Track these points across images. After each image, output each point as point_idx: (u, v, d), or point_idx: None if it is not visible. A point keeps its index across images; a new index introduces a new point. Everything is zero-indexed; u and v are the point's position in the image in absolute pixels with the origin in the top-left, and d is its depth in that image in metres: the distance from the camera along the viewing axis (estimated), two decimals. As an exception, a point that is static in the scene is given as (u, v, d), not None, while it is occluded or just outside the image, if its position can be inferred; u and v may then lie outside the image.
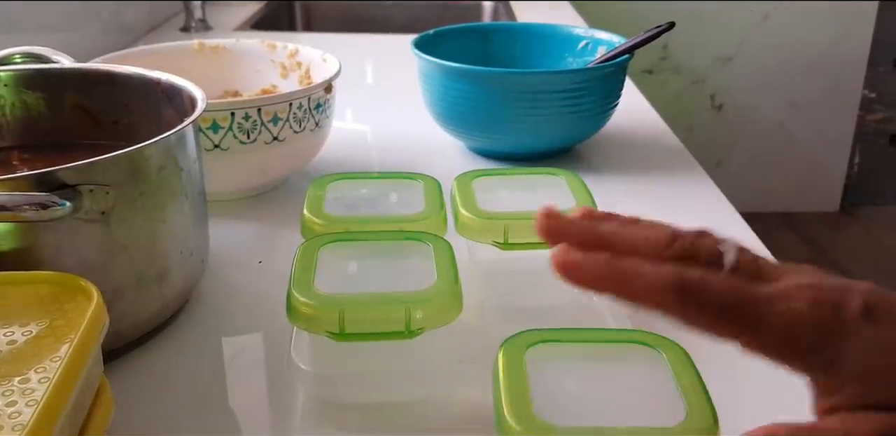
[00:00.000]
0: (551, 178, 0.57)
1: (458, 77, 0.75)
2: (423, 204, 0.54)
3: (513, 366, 0.38)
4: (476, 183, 0.56)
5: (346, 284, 0.45)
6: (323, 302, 0.42)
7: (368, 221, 0.51)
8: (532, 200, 0.54)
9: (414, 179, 0.57)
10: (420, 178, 0.57)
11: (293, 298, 0.43)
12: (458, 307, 0.44)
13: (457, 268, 0.46)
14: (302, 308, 0.42)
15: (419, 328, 0.42)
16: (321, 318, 0.42)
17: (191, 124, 0.50)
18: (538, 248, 0.48)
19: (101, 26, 1.17)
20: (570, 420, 0.35)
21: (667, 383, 0.38)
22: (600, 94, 0.77)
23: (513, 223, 0.50)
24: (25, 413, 0.30)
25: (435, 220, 0.52)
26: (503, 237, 0.50)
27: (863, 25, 2.15)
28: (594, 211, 0.31)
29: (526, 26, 0.93)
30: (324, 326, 0.42)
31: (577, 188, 0.55)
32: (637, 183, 0.77)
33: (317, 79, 0.76)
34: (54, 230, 0.43)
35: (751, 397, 0.46)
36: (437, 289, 0.43)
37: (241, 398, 0.48)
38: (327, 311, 0.42)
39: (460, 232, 0.52)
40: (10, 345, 0.35)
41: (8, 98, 0.58)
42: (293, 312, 0.43)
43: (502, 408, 0.35)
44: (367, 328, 0.42)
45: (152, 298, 0.50)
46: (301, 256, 0.46)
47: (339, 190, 0.56)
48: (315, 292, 0.43)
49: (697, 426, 0.35)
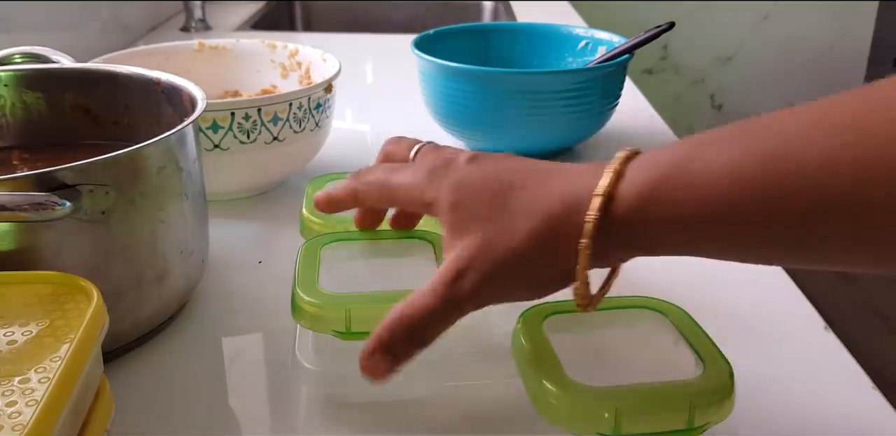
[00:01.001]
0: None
1: (458, 77, 0.75)
2: None
3: (535, 336, 0.40)
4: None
5: (350, 284, 0.45)
6: (329, 301, 0.42)
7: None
8: None
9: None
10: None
11: (298, 297, 0.43)
12: None
13: None
14: (307, 307, 0.42)
15: None
16: (327, 317, 0.42)
17: (191, 124, 0.50)
18: None
19: (101, 26, 1.17)
20: (601, 381, 0.37)
21: (677, 340, 0.40)
22: (600, 94, 0.76)
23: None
24: (25, 413, 0.30)
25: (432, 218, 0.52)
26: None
27: (863, 25, 2.15)
28: None
29: (526, 26, 0.93)
30: (330, 325, 0.42)
31: None
32: (637, 183, 0.76)
33: (317, 79, 0.76)
34: (54, 230, 0.43)
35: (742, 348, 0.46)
36: None
37: (241, 398, 0.48)
38: (333, 310, 0.42)
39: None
40: (10, 345, 0.35)
41: (8, 98, 0.58)
42: (299, 312, 0.43)
43: (538, 376, 0.37)
44: (374, 327, 0.42)
45: (152, 298, 0.50)
46: (304, 257, 0.47)
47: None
48: (320, 292, 0.43)
49: (717, 376, 0.37)
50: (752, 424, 0.44)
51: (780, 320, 0.55)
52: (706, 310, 0.48)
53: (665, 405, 0.36)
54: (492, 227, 0.36)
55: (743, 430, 0.43)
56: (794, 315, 0.55)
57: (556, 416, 0.36)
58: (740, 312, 0.55)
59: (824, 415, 0.46)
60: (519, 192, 0.36)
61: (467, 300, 0.36)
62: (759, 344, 0.52)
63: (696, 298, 0.49)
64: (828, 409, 0.46)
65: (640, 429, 0.36)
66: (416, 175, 0.40)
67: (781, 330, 0.54)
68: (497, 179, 0.38)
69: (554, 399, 0.36)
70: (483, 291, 0.36)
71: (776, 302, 0.57)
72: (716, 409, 0.36)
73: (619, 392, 0.36)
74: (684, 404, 0.36)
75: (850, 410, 0.46)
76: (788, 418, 0.45)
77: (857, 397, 0.47)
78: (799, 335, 0.53)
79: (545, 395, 0.36)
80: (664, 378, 0.37)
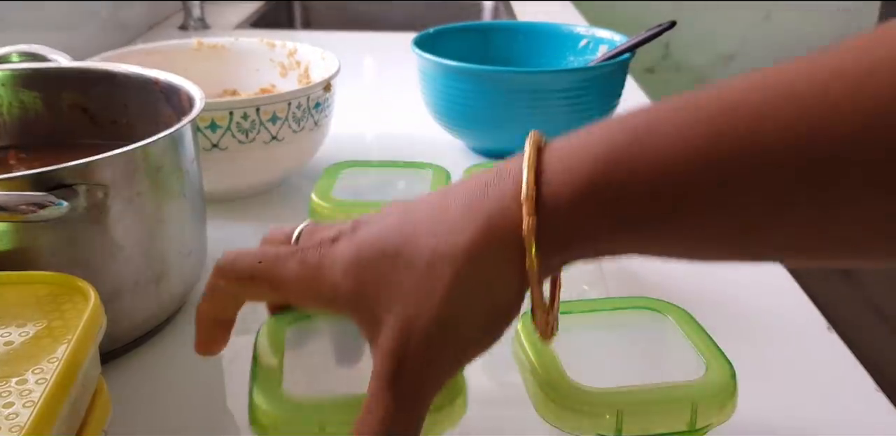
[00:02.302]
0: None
1: (458, 76, 0.75)
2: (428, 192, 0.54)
3: (535, 337, 0.39)
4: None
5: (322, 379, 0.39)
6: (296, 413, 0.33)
7: (373, 206, 0.51)
8: None
9: (423, 168, 0.58)
10: (430, 167, 0.58)
11: (255, 407, 0.34)
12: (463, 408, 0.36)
13: None
14: (267, 419, 0.34)
15: None
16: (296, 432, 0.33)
17: (189, 124, 0.50)
18: None
19: (100, 25, 1.16)
20: (602, 382, 0.36)
21: (679, 341, 0.40)
22: (601, 93, 0.76)
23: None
24: (23, 414, 0.30)
25: None
26: None
27: (864, 24, 2.15)
28: None
29: (526, 25, 0.93)
30: None
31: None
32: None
33: (316, 78, 0.76)
34: (51, 230, 0.43)
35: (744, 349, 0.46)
36: None
37: (239, 399, 0.48)
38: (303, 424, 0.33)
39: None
40: (7, 346, 0.35)
41: (5, 97, 0.58)
42: (258, 424, 0.34)
43: (539, 377, 0.37)
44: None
45: (150, 299, 0.49)
46: (263, 344, 0.38)
47: (349, 176, 0.57)
48: (285, 399, 0.34)
49: (719, 377, 0.37)
50: (755, 425, 0.44)
51: (783, 321, 0.55)
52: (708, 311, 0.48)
53: (666, 406, 0.36)
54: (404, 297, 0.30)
55: (745, 431, 0.43)
56: (797, 316, 0.55)
57: (556, 417, 0.36)
58: (742, 313, 0.55)
59: (828, 417, 0.46)
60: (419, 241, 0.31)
61: (422, 384, 0.31)
62: (761, 345, 0.51)
63: (697, 298, 0.49)
64: (831, 410, 0.46)
65: (641, 430, 0.36)
66: (302, 263, 0.34)
67: (784, 331, 0.54)
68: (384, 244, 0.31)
69: (555, 401, 0.36)
70: (435, 369, 0.31)
71: (779, 303, 0.57)
72: (718, 410, 0.36)
73: (620, 393, 0.36)
74: (686, 406, 0.36)
75: (853, 411, 0.46)
76: (792, 420, 0.45)
77: (861, 398, 0.47)
78: (802, 336, 0.53)
79: (546, 396, 0.36)
80: (665, 379, 0.37)
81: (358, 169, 0.58)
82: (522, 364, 0.39)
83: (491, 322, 0.31)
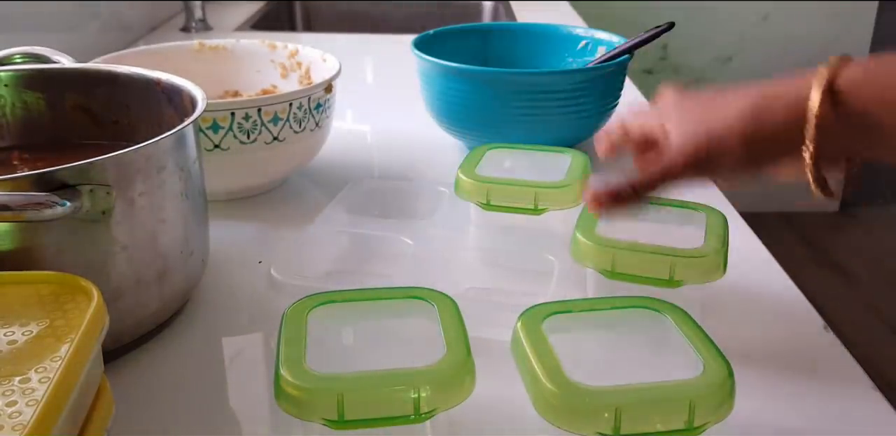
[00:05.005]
0: (559, 155, 0.64)
1: (457, 77, 0.75)
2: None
3: (534, 336, 0.40)
4: (490, 154, 0.64)
5: (343, 358, 0.41)
6: (317, 384, 0.37)
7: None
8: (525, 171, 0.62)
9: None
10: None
11: (282, 379, 0.37)
12: (472, 384, 0.39)
13: (466, 333, 0.41)
14: (293, 391, 0.37)
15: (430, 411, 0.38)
16: (316, 403, 0.37)
17: (191, 124, 0.50)
18: (513, 211, 0.57)
19: (102, 26, 1.17)
20: (601, 381, 0.37)
21: (677, 340, 0.41)
22: (600, 95, 0.77)
23: (495, 187, 0.57)
24: (26, 413, 0.30)
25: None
26: (486, 199, 0.58)
27: (862, 25, 2.15)
28: None
29: (526, 26, 0.93)
30: (320, 412, 0.37)
31: (577, 166, 0.61)
32: (637, 183, 0.76)
33: (317, 79, 0.76)
34: (54, 230, 0.43)
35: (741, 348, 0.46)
36: (448, 362, 0.39)
37: (241, 398, 0.48)
38: (323, 395, 0.37)
39: (457, 192, 0.59)
40: (11, 345, 0.35)
41: (8, 98, 0.58)
42: (283, 397, 0.37)
43: (538, 376, 0.37)
44: (371, 414, 0.37)
45: (152, 298, 0.50)
46: (287, 325, 0.41)
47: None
48: (307, 372, 0.37)
49: (716, 376, 0.37)
50: (752, 424, 0.44)
51: (780, 320, 0.55)
52: (706, 310, 0.48)
53: (664, 405, 0.36)
54: (708, 111, 0.44)
55: (742, 430, 0.43)
56: (794, 315, 0.55)
57: (555, 416, 0.36)
58: (740, 312, 0.55)
59: (824, 415, 0.46)
60: (731, 92, 0.44)
61: (706, 156, 0.43)
62: (758, 344, 0.52)
63: (695, 298, 0.49)
64: (828, 409, 0.46)
65: (639, 429, 0.36)
66: None
67: (781, 330, 0.54)
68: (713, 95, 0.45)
69: (554, 399, 0.36)
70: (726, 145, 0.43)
71: (776, 302, 0.57)
72: (715, 409, 0.36)
73: (618, 392, 0.36)
74: (684, 404, 0.36)
75: (850, 410, 0.46)
76: (788, 419, 0.46)
77: (858, 397, 0.47)
78: (798, 335, 0.53)
79: (545, 395, 0.37)
80: (664, 378, 0.37)
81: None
82: (521, 362, 0.39)
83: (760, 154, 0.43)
